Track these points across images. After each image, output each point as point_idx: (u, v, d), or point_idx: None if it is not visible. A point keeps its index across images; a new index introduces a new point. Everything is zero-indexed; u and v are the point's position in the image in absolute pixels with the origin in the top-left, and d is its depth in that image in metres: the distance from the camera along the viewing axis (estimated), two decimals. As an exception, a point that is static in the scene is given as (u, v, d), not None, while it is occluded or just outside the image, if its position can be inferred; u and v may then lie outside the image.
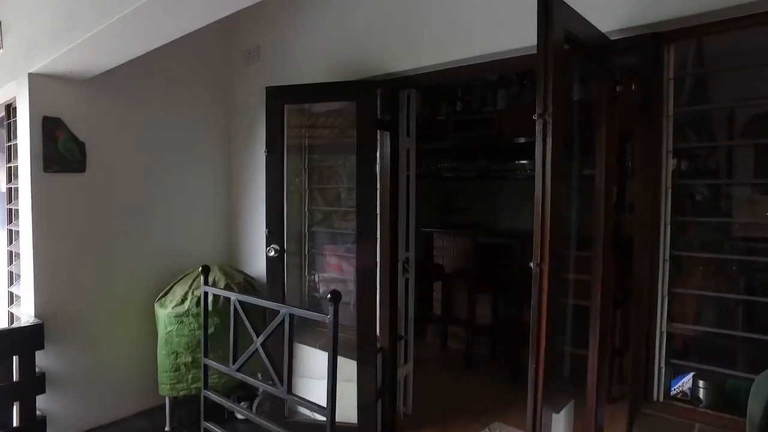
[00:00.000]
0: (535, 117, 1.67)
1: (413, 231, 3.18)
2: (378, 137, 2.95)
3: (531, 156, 5.34)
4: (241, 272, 3.42)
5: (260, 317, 2.77)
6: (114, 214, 3.17)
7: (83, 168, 3.00)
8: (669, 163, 2.02)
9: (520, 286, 3.81)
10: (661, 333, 2.06)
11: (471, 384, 3.97)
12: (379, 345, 2.95)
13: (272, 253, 2.78)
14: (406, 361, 3.23)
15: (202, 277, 2.51)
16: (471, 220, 6.17)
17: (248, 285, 3.26)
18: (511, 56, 2.42)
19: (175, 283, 3.21)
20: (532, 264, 1.73)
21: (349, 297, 3.03)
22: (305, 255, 3.42)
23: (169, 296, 3.14)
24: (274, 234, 2.83)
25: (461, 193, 6.32)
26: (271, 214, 2.83)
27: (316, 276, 3.46)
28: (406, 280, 3.16)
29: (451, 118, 4.97)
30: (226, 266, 3.37)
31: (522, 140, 4.82)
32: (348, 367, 2.78)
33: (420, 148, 6.12)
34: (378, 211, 2.96)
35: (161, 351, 3.10)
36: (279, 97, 2.78)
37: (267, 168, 2.83)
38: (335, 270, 3.37)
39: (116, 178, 3.18)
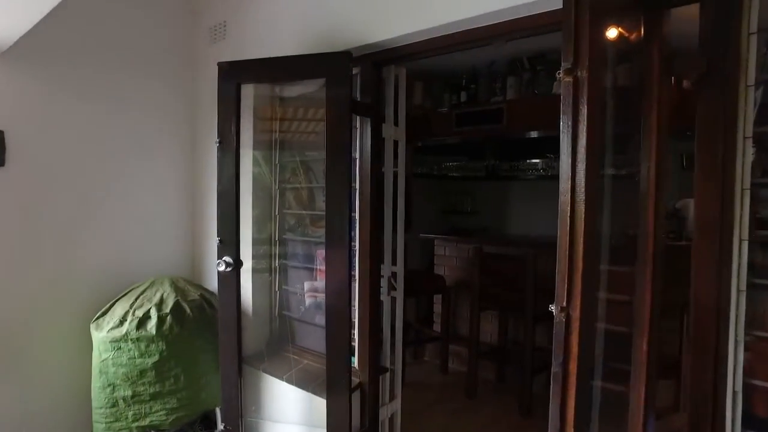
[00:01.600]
0: (559, 74, 1.10)
1: (402, 239, 2.61)
2: (357, 126, 2.40)
3: (546, 152, 4.78)
4: (199, 287, 2.87)
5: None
6: (44, 217, 2.65)
7: (1, 162, 2.48)
8: (747, 154, 1.44)
9: (532, 304, 3.23)
10: (734, 392, 1.47)
11: (475, 417, 3.39)
12: (356, 380, 2.39)
13: (222, 267, 2.23)
14: (392, 398, 2.66)
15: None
16: (477, 225, 5.59)
17: (204, 303, 2.71)
18: (524, 15, 1.84)
19: (116, 300, 2.68)
20: (553, 307, 1.15)
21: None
22: (275, 267, 2.87)
23: (108, 316, 2.60)
24: (226, 244, 2.28)
25: (467, 195, 5.74)
26: (223, 219, 2.29)
27: (290, 291, 2.90)
28: (394, 300, 2.59)
29: (454, 110, 4.40)
30: (181, 280, 2.83)
31: (535, 134, 4.23)
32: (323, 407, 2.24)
33: (420, 145, 5.62)
34: (356, 216, 2.40)
35: (95, 383, 2.56)
36: (233, 75, 2.24)
37: (219, 162, 2.29)
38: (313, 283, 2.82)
39: (49, 174, 2.66)
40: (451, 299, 4.10)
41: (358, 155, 2.40)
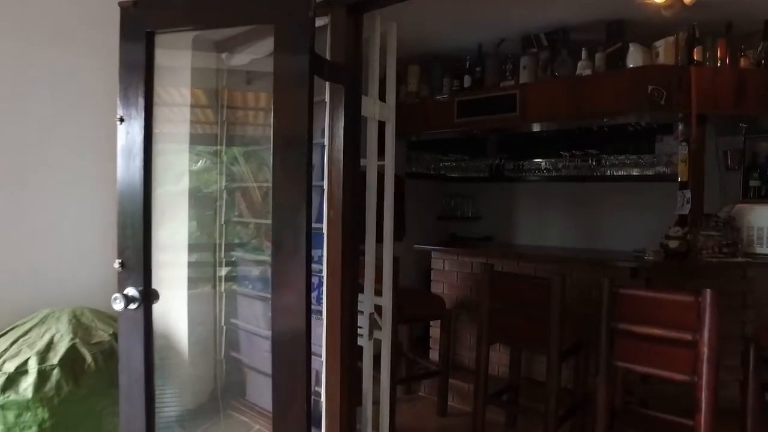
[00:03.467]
0: None
1: (390, 259, 1.90)
2: (327, 99, 1.68)
3: (563, 148, 4.09)
4: (115, 322, 2.13)
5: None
6: None
7: None
8: None
9: (558, 337, 2.51)
10: None
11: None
12: (324, 463, 1.67)
13: (120, 305, 1.50)
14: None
15: None
16: (480, 233, 4.89)
17: (117, 346, 1.97)
18: None
19: (-6, 343, 1.94)
20: None
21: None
22: (220, 294, 2.14)
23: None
24: (130, 269, 1.56)
25: (468, 199, 5.03)
26: (126, 232, 1.56)
27: (240, 326, 2.17)
28: (379, 344, 1.87)
29: (456, 97, 3.69)
30: (88, 313, 2.08)
31: (554, 126, 3.54)
32: None
33: (415, 140, 4.91)
34: (324, 228, 1.68)
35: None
36: (141, 19, 1.52)
37: (122, 150, 1.56)
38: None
39: None
40: (451, 325, 3.38)
41: (326, 142, 1.68)
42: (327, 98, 1.68)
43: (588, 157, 4.28)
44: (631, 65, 2.94)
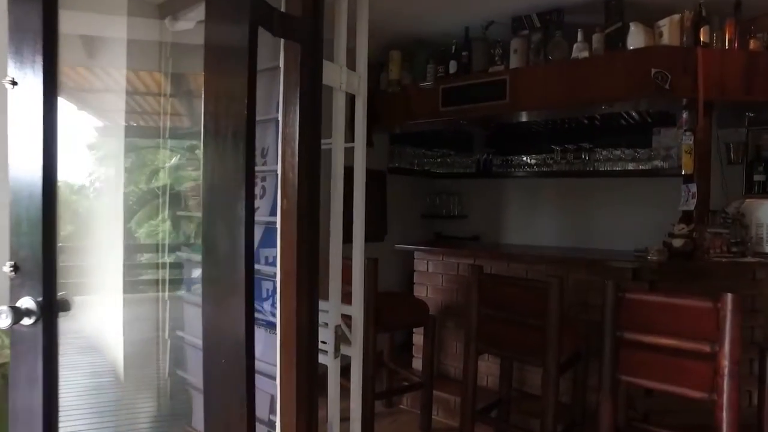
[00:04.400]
0: None
1: (361, 260, 1.59)
2: (281, 65, 1.37)
3: (556, 141, 3.81)
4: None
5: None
6: None
7: None
8: None
9: (557, 348, 2.22)
10: None
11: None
12: None
13: (7, 321, 1.17)
14: None
15: None
16: (467, 232, 4.61)
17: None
18: None
19: None
20: None
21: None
22: (164, 301, 1.81)
23: None
24: (26, 274, 1.23)
25: (453, 196, 4.75)
26: (20, 227, 1.23)
27: (186, 340, 1.84)
28: (348, 362, 1.56)
29: (441, 84, 3.40)
30: None
31: (548, 115, 3.27)
32: None
33: (397, 133, 4.58)
34: (278, 225, 1.36)
35: None
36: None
37: (14, 119, 1.23)
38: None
39: None
40: (435, 332, 3.08)
41: (280, 117, 1.37)
42: (281, 63, 1.37)
43: (581, 152, 4.02)
44: (632, 47, 2.68)
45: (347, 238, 1.56)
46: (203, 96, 1.14)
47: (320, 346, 1.47)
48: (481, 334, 2.42)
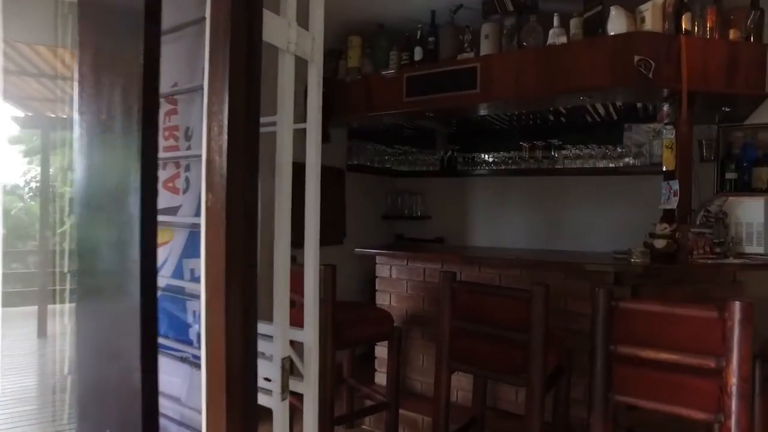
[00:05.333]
0: None
1: (315, 268, 1.25)
2: (208, 15, 1.02)
3: (530, 135, 3.50)
4: None
5: None
6: None
7: None
8: None
9: (541, 364, 1.95)
10: None
11: None
12: None
13: None
14: None
15: None
16: (431, 234, 4.35)
17: None
18: None
19: None
20: None
21: None
22: (63, 326, 1.42)
23: None
24: None
25: (416, 195, 4.48)
26: None
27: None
28: (299, 401, 1.23)
29: (405, 72, 3.11)
30: None
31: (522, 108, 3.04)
32: None
33: (356, 127, 4.26)
34: (202, 227, 1.01)
35: None
36: None
37: None
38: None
39: None
40: (401, 346, 2.77)
41: (206, 84, 1.02)
42: (208, 13, 1.03)
43: (550, 149, 3.84)
44: (613, 33, 2.47)
45: (298, 242, 1.23)
46: (78, 53, 0.80)
47: (263, 384, 1.13)
48: (454, 351, 2.13)
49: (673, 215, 2.56)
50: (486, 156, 4.10)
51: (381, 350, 3.19)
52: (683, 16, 2.48)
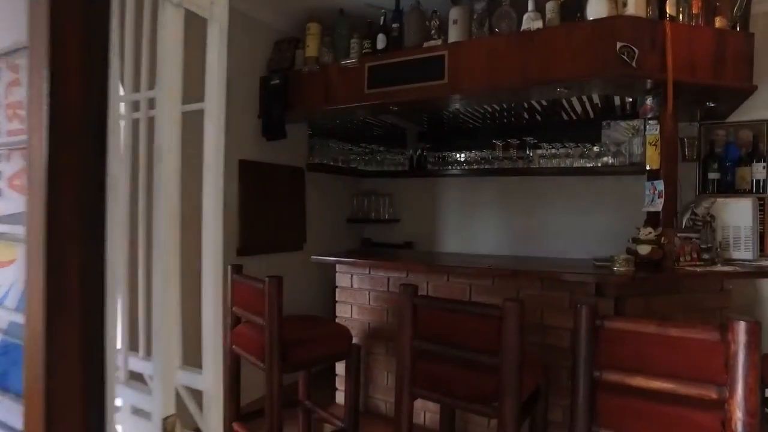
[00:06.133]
0: None
1: (215, 288, 0.95)
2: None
3: (504, 133, 3.08)
4: None
5: None
6: None
7: None
8: None
9: (516, 390, 1.68)
10: None
11: None
12: None
13: None
14: None
15: None
16: (399, 238, 4.08)
17: None
18: None
19: None
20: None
21: None
22: None
23: None
24: None
25: (383, 197, 4.20)
26: None
27: None
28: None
29: (368, 61, 2.83)
30: None
31: (492, 99, 2.79)
32: None
33: (319, 124, 3.90)
34: (22, 236, 0.69)
35: None
36: None
37: None
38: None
39: None
40: (360, 365, 2.48)
41: (28, 39, 0.70)
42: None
43: (525, 147, 3.61)
44: (592, 17, 2.24)
45: (258, 248, 0.92)
46: None
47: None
48: (416, 376, 1.85)
49: (658, 218, 2.34)
50: (458, 155, 3.85)
51: (341, 366, 2.90)
52: (667, 1, 2.26)
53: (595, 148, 3.36)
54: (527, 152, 3.59)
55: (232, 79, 3.09)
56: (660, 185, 2.32)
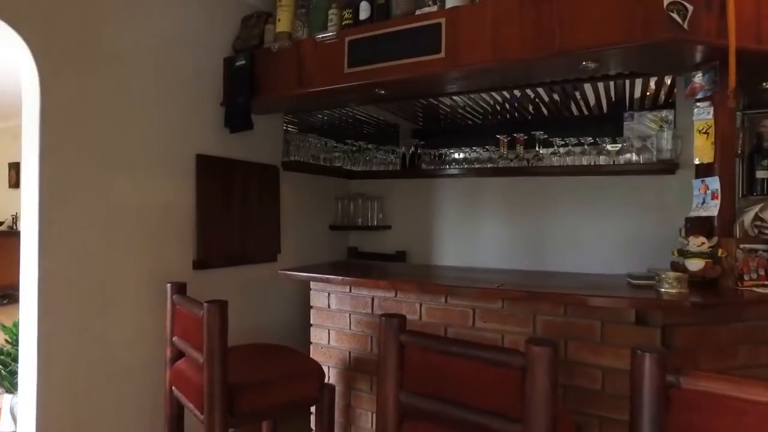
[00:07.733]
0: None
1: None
2: None
3: (511, 127, 2.54)
4: None
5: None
6: None
7: None
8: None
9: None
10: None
11: None
12: None
13: None
14: None
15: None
16: (390, 247, 3.59)
17: None
18: None
19: None
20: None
21: None
22: None
23: None
24: None
25: (372, 200, 3.71)
26: None
27: None
28: None
29: (348, 34, 2.34)
30: None
31: (499, 79, 2.31)
32: None
33: (297, 115, 3.28)
34: None
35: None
36: None
37: None
38: None
39: None
40: (333, 409, 1.96)
41: None
42: None
43: (534, 143, 3.13)
44: (628, -32, 1.75)
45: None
46: None
47: None
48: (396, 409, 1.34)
49: (711, 225, 1.84)
50: (457, 152, 3.37)
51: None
52: (724, -51, 1.78)
53: (614, 145, 2.88)
54: (536, 149, 3.11)
55: (190, 61, 2.61)
56: (714, 183, 1.83)
